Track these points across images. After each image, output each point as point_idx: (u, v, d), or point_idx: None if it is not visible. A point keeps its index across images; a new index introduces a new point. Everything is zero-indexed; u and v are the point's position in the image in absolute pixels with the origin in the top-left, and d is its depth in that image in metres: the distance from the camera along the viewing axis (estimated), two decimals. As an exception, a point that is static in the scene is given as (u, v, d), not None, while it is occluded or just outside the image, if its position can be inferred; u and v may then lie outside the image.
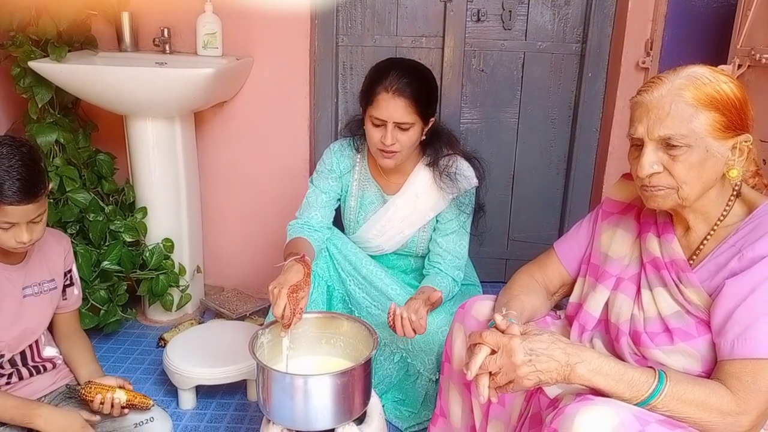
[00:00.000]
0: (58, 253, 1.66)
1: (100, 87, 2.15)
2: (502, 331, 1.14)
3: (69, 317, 1.71)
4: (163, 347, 2.15)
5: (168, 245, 2.37)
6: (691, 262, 1.19)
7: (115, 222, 2.27)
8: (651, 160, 1.12)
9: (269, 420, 1.43)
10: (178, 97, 2.20)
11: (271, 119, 2.52)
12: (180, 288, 2.43)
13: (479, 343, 1.13)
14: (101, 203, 2.32)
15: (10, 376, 1.56)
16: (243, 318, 2.44)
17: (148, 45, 2.45)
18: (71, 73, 2.11)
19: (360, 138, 1.89)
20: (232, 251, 2.70)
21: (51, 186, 1.49)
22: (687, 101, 1.08)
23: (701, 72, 1.11)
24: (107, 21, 2.39)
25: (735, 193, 1.18)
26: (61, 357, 1.68)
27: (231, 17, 2.38)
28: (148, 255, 2.32)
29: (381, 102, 1.70)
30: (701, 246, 1.19)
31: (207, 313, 2.58)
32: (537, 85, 2.60)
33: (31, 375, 1.60)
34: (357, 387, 1.40)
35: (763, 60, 1.74)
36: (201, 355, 1.99)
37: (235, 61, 2.34)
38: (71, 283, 1.70)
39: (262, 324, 1.94)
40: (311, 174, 2.00)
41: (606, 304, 1.30)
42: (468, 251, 1.90)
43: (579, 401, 1.05)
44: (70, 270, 1.70)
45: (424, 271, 1.89)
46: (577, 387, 1.12)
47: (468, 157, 1.87)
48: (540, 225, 2.78)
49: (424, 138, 1.80)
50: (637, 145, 1.15)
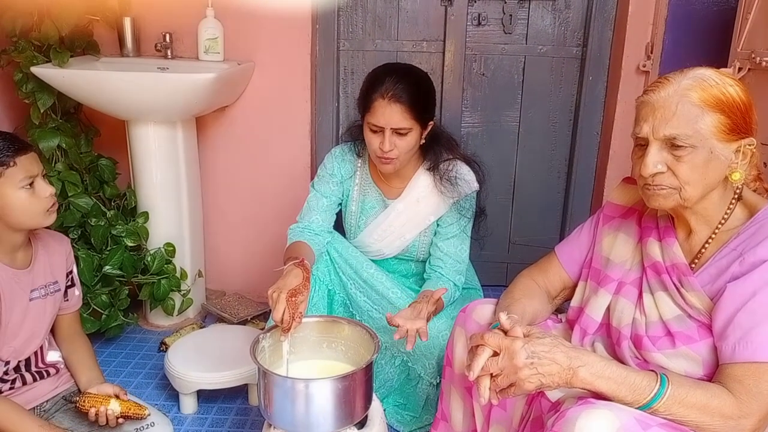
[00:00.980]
0: (60, 255, 1.66)
1: (102, 92, 2.16)
2: (505, 332, 1.14)
3: (70, 319, 1.71)
4: (165, 352, 2.14)
5: (169, 250, 2.38)
6: (693, 266, 1.19)
7: (117, 227, 2.28)
8: (655, 159, 1.12)
9: (270, 424, 1.43)
10: (179, 102, 2.21)
11: (273, 124, 2.52)
12: (181, 292, 2.43)
13: (481, 345, 1.13)
14: (103, 208, 2.32)
15: (13, 381, 1.56)
16: (244, 322, 2.44)
17: (149, 50, 2.45)
18: (73, 79, 2.12)
19: (361, 143, 1.89)
20: (233, 256, 2.70)
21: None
22: (693, 102, 1.09)
23: (708, 74, 1.11)
24: (109, 26, 2.40)
25: (736, 197, 1.18)
26: (63, 361, 1.68)
27: (232, 22, 2.38)
28: (149, 259, 2.33)
29: (377, 108, 1.70)
30: (702, 250, 1.19)
31: (208, 318, 2.58)
32: (538, 89, 2.61)
33: (34, 380, 1.60)
34: (358, 391, 1.39)
35: (764, 63, 1.74)
36: (202, 360, 1.99)
37: (237, 66, 2.35)
38: (72, 284, 1.70)
39: (263, 328, 1.94)
40: (312, 178, 2.00)
41: (607, 308, 1.30)
42: (469, 255, 1.90)
43: (580, 404, 1.05)
44: (71, 271, 1.71)
45: (425, 276, 1.89)
46: (579, 391, 1.12)
47: (468, 161, 1.87)
48: (541, 229, 2.78)
49: (423, 142, 1.80)
50: (642, 145, 1.15)
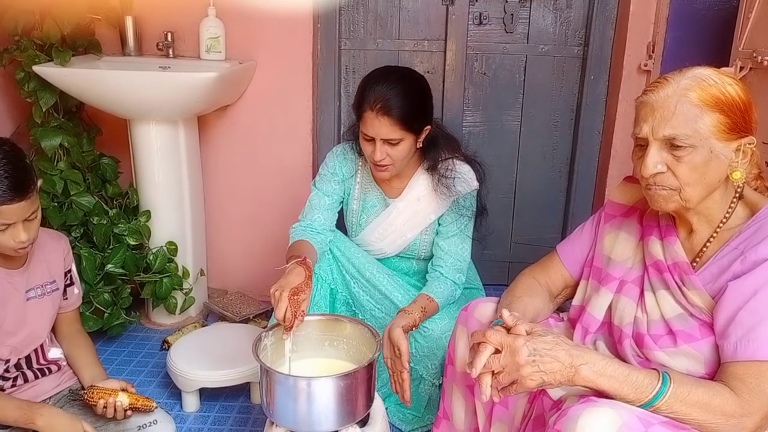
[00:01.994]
0: (57, 254, 1.66)
1: (103, 91, 2.16)
2: (508, 329, 1.14)
3: (70, 317, 1.72)
4: (167, 350, 2.15)
5: (172, 248, 2.38)
6: (694, 264, 1.19)
7: (119, 225, 2.28)
8: (655, 159, 1.12)
9: (273, 422, 1.43)
10: (181, 101, 2.21)
11: (274, 123, 2.52)
12: (183, 291, 2.44)
13: (483, 342, 1.13)
14: (105, 207, 2.33)
15: (15, 379, 1.57)
16: (246, 321, 2.45)
17: (151, 49, 2.46)
18: (75, 78, 2.12)
19: (363, 142, 1.89)
20: (235, 254, 2.71)
21: (40, 183, 1.49)
22: (692, 102, 1.09)
23: (707, 73, 1.11)
24: (111, 25, 2.41)
25: (737, 196, 1.18)
26: (65, 358, 1.68)
27: (234, 21, 2.39)
28: (151, 258, 2.33)
29: (367, 120, 1.69)
30: (704, 248, 1.19)
31: (210, 316, 2.58)
32: (539, 89, 2.61)
33: (36, 377, 1.60)
34: (360, 389, 1.40)
35: (765, 62, 1.74)
36: (204, 358, 1.99)
37: (238, 65, 2.35)
38: (71, 283, 1.70)
39: (265, 327, 1.95)
40: (314, 177, 2.01)
41: (609, 306, 1.30)
42: (471, 254, 1.90)
43: (582, 403, 1.05)
44: (69, 270, 1.70)
45: (426, 275, 1.89)
46: (581, 389, 1.13)
47: (468, 160, 1.87)
48: (543, 228, 2.78)
49: (420, 146, 1.80)
50: (642, 145, 1.15)
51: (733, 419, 1.04)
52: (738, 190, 1.18)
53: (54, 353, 1.65)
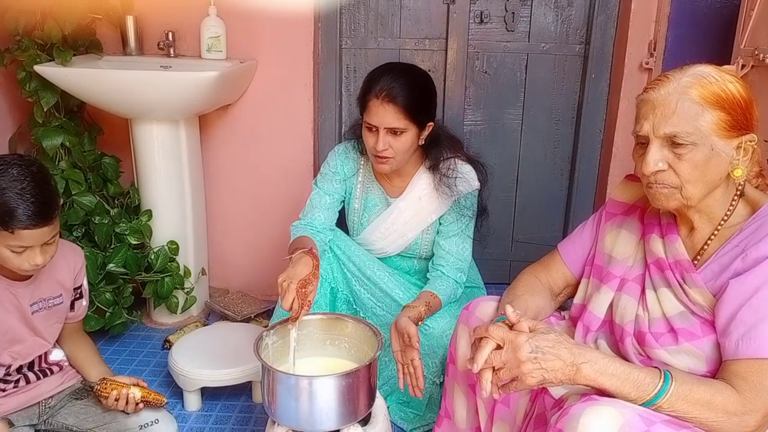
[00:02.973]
0: (68, 270, 1.63)
1: (104, 90, 2.16)
2: (511, 325, 1.14)
3: (74, 323, 1.72)
4: (168, 349, 2.15)
5: (173, 248, 2.38)
6: (695, 262, 1.19)
7: (121, 225, 2.28)
8: (656, 157, 1.12)
9: (274, 421, 1.43)
10: (182, 101, 2.21)
11: (275, 122, 2.52)
12: (185, 290, 2.44)
13: (485, 337, 1.13)
14: (107, 206, 2.33)
15: (17, 381, 1.57)
16: (248, 320, 2.45)
17: (152, 48, 2.46)
18: (76, 77, 2.12)
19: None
20: (236, 253, 2.71)
21: (61, 203, 1.46)
22: (693, 99, 1.09)
23: (707, 71, 1.11)
24: (112, 25, 2.40)
25: (738, 193, 1.18)
26: (67, 359, 1.69)
27: (235, 20, 2.39)
28: (153, 257, 2.33)
29: (372, 108, 1.71)
30: (705, 246, 1.19)
31: (212, 316, 2.59)
32: (540, 87, 2.61)
33: (38, 379, 1.61)
34: (362, 388, 1.40)
35: (767, 60, 1.73)
36: (206, 357, 1.99)
37: (239, 64, 2.35)
38: (80, 296, 1.68)
39: (266, 326, 1.95)
40: (315, 176, 2.01)
41: (610, 305, 1.30)
42: (472, 253, 1.90)
43: (584, 401, 1.05)
44: (80, 285, 1.67)
45: (428, 274, 1.89)
46: (582, 387, 1.12)
47: (471, 160, 1.87)
48: (544, 226, 2.78)
49: (422, 143, 1.80)
50: (642, 143, 1.15)
51: (735, 417, 1.04)
52: (739, 187, 1.17)
53: (56, 355, 1.65)
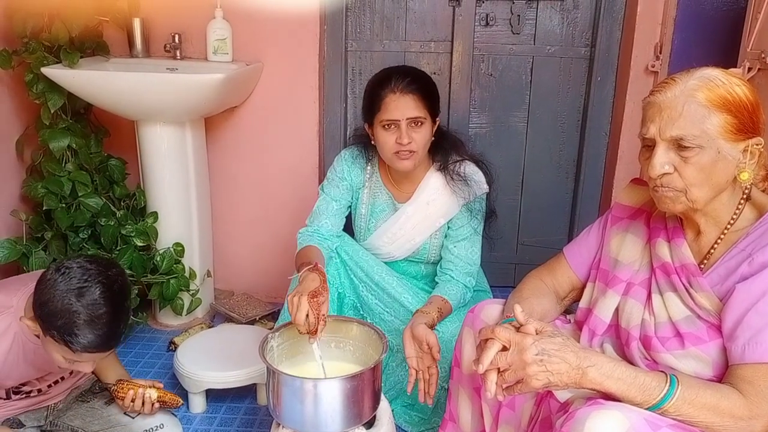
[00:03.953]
0: None
1: (111, 93, 2.17)
2: (519, 326, 1.14)
3: None
4: (174, 351, 2.15)
5: (178, 250, 2.39)
6: (702, 266, 1.19)
7: (127, 226, 2.29)
8: (662, 160, 1.11)
9: (279, 423, 1.43)
10: (188, 103, 2.22)
11: (281, 124, 2.53)
12: (190, 292, 2.44)
13: (491, 339, 1.13)
14: (113, 208, 2.34)
15: (29, 392, 1.57)
16: (253, 322, 2.45)
17: (159, 51, 2.47)
18: (83, 79, 2.13)
19: (371, 146, 1.89)
20: (241, 255, 2.71)
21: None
22: (700, 102, 1.08)
23: (714, 74, 1.11)
24: (119, 27, 2.42)
25: (745, 197, 1.17)
26: None
27: (241, 23, 2.39)
28: (158, 259, 2.34)
29: (390, 103, 1.71)
30: (711, 250, 1.18)
31: (217, 317, 2.59)
32: (546, 90, 2.60)
33: (50, 387, 1.61)
34: (366, 391, 1.40)
35: (774, 63, 1.73)
36: (211, 359, 2.00)
37: (245, 67, 2.36)
38: None
39: (271, 328, 1.95)
40: (320, 178, 2.01)
41: (616, 309, 1.29)
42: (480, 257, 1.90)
43: (590, 405, 1.05)
44: None
45: (436, 278, 1.89)
46: (588, 391, 1.12)
47: (477, 162, 1.87)
48: (549, 229, 2.77)
49: (432, 140, 1.81)
50: (649, 146, 1.15)
51: (742, 422, 1.04)
52: (745, 191, 1.17)
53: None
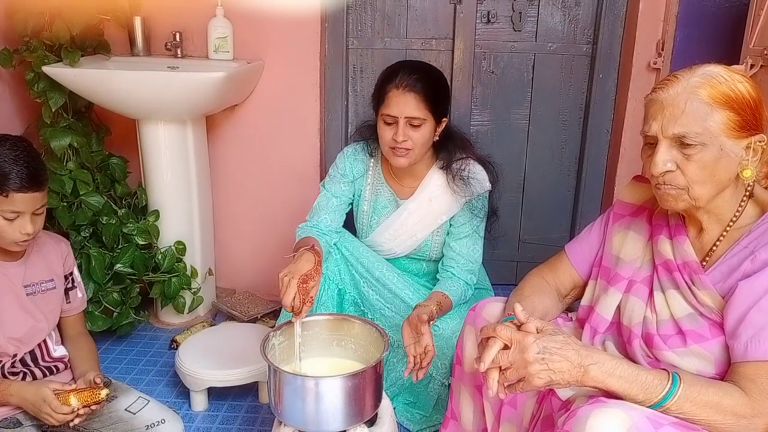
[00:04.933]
0: (56, 255, 1.67)
1: (112, 91, 2.17)
2: (520, 324, 1.14)
3: (74, 320, 1.73)
4: (175, 349, 2.16)
5: (180, 248, 2.39)
6: (704, 264, 1.18)
7: (128, 225, 2.29)
8: (665, 158, 1.11)
9: (281, 422, 1.44)
10: (189, 101, 2.22)
11: (282, 122, 2.53)
12: (192, 290, 2.44)
13: (492, 337, 1.13)
14: (114, 206, 2.34)
15: (24, 377, 1.58)
16: (254, 320, 2.45)
17: (160, 49, 2.47)
18: (84, 78, 2.13)
19: (373, 142, 1.89)
20: (243, 254, 2.71)
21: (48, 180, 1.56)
22: (702, 99, 1.08)
23: (717, 71, 1.10)
24: (120, 26, 2.41)
25: (748, 194, 1.17)
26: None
27: (242, 21, 2.39)
28: (160, 258, 2.34)
29: (391, 99, 1.72)
30: (714, 248, 1.18)
31: (219, 316, 2.59)
32: (547, 87, 2.60)
33: (44, 375, 1.61)
34: (368, 389, 1.40)
35: (776, 60, 1.72)
36: (213, 357, 2.00)
37: (246, 65, 2.36)
38: (73, 286, 1.71)
39: (273, 326, 1.95)
40: (321, 175, 2.01)
41: (618, 306, 1.29)
42: (482, 255, 1.90)
43: (591, 403, 1.05)
44: (71, 273, 1.71)
45: (437, 275, 1.89)
46: (590, 389, 1.12)
47: (482, 161, 1.87)
48: (551, 227, 2.77)
49: (437, 140, 1.80)
50: (651, 143, 1.15)
51: (744, 420, 1.03)
52: (748, 188, 1.17)
53: (59, 351, 1.66)
